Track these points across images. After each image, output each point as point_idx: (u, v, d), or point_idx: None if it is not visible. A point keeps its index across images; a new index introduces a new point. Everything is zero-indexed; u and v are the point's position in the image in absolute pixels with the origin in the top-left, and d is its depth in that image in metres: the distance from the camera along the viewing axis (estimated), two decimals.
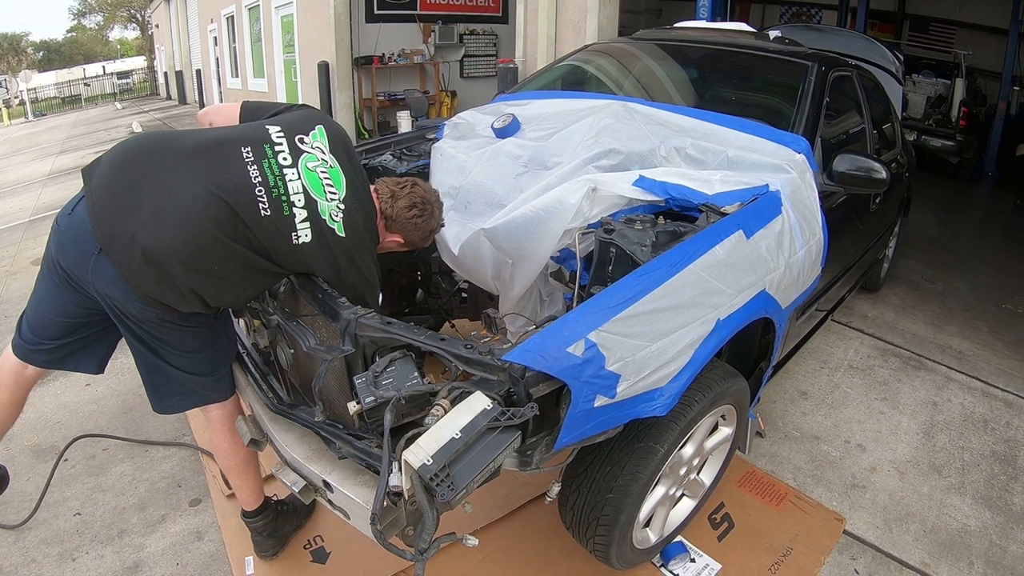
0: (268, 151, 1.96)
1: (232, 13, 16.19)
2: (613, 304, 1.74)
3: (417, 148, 3.31)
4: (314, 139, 2.06)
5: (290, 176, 1.95)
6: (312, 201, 1.95)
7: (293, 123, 2.08)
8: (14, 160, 15.23)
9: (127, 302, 1.89)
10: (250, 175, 1.89)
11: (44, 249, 2.07)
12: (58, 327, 2.16)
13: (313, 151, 2.03)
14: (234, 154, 1.92)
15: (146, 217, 1.79)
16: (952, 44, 12.04)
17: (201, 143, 1.94)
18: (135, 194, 1.82)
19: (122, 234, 1.79)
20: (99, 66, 47.18)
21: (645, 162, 2.54)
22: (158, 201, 1.80)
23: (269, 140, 1.99)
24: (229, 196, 1.84)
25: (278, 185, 1.92)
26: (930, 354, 4.29)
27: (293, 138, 2.02)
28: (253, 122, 2.15)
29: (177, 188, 1.82)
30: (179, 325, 1.99)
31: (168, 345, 2.04)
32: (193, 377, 2.13)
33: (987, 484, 3.10)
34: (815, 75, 3.17)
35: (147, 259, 1.78)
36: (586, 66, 3.98)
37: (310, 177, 1.98)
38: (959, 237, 7.12)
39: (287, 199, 1.92)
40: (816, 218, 2.61)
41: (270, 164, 1.94)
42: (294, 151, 1.99)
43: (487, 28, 12.37)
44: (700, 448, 2.37)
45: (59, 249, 1.98)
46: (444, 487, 1.40)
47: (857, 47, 5.79)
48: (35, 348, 2.22)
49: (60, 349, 2.22)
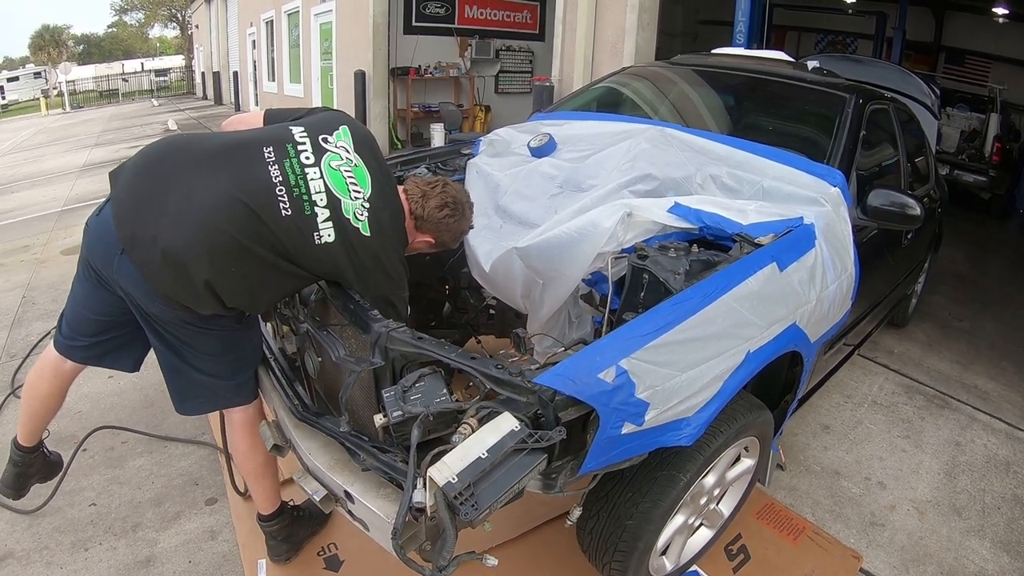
0: (291, 150, 1.96)
1: (272, 18, 16.39)
2: (646, 332, 1.73)
3: (452, 163, 3.32)
4: (338, 139, 2.05)
5: (312, 175, 1.94)
6: (335, 200, 1.94)
7: (317, 123, 2.08)
8: (50, 150, 15.50)
9: (148, 302, 1.91)
10: (271, 175, 1.90)
11: (80, 245, 2.10)
12: (92, 325, 2.20)
13: (337, 150, 2.02)
14: (256, 155, 1.93)
15: (167, 219, 1.81)
16: (987, 78, 11.96)
17: (223, 145, 1.96)
18: (157, 196, 1.84)
19: (143, 235, 1.82)
20: (138, 62, 47.99)
21: (680, 189, 2.54)
22: (179, 203, 1.82)
23: (292, 140, 1.99)
24: (248, 197, 1.85)
25: (299, 184, 1.91)
26: (955, 393, 4.23)
27: (316, 137, 2.02)
28: (277, 124, 2.15)
29: (197, 190, 1.84)
30: (201, 328, 1.99)
31: (190, 347, 2.05)
32: (214, 380, 2.14)
33: (1007, 528, 3.05)
34: (852, 107, 3.15)
35: (166, 260, 1.79)
36: (623, 89, 3.98)
37: (333, 176, 1.97)
38: (988, 274, 7.04)
39: (308, 198, 1.91)
40: (849, 252, 2.59)
41: (291, 163, 1.93)
42: (317, 150, 1.99)
43: (523, 45, 12.43)
44: (722, 478, 2.35)
45: (88, 249, 2.01)
46: (468, 506, 1.40)
47: (894, 79, 5.75)
48: (72, 344, 2.26)
49: (96, 347, 2.25)
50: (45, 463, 2.63)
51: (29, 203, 9.06)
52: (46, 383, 2.35)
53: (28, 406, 2.40)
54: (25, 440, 2.45)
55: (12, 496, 2.52)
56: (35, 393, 2.37)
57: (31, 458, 2.50)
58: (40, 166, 12.90)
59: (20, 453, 2.47)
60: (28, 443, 2.46)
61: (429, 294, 3.36)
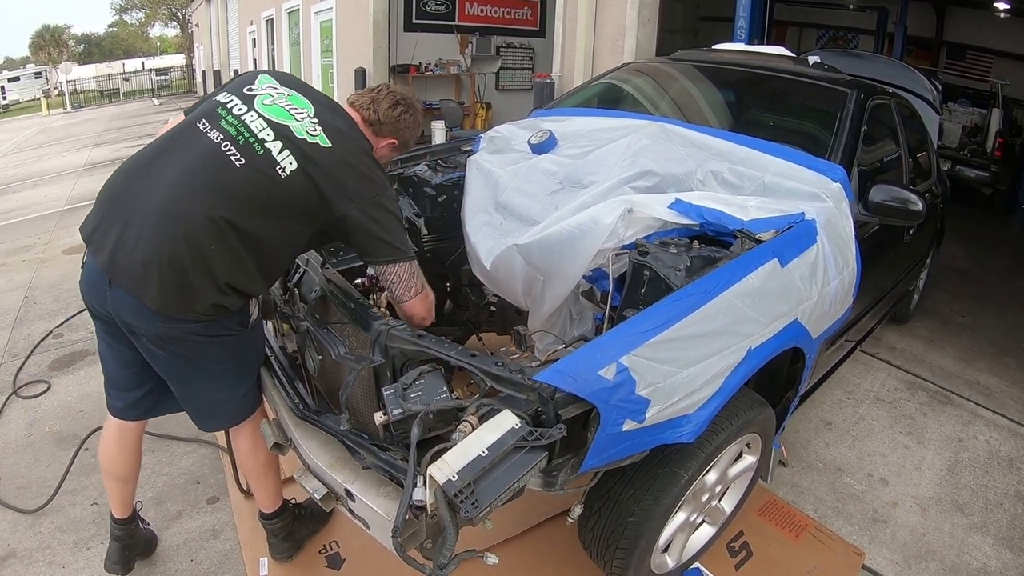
0: (221, 112, 1.95)
1: (272, 16, 16.40)
2: (646, 328, 1.73)
3: (452, 160, 3.32)
4: (261, 83, 2.05)
5: (249, 119, 1.92)
6: (282, 128, 1.92)
7: (236, 83, 2.09)
8: (51, 150, 15.52)
9: (151, 325, 1.86)
10: (212, 139, 1.88)
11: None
12: (129, 378, 2.18)
13: (265, 91, 2.02)
14: (192, 133, 1.92)
15: (133, 228, 1.79)
16: (989, 73, 11.92)
17: (161, 145, 1.95)
18: (120, 215, 1.83)
19: (120, 255, 1.80)
20: (138, 62, 48.04)
21: (681, 185, 2.53)
22: (140, 209, 1.81)
23: (218, 104, 1.99)
24: (202, 169, 1.84)
25: (241, 132, 1.89)
26: (957, 389, 4.23)
27: (241, 90, 2.02)
28: (201, 103, 2.11)
29: (153, 189, 1.82)
30: (206, 336, 1.93)
31: (197, 367, 2.01)
32: (224, 398, 2.13)
33: (1010, 524, 3.04)
34: (854, 103, 3.14)
35: (148, 266, 1.77)
36: (624, 85, 3.97)
37: (271, 110, 1.96)
38: (990, 270, 7.02)
39: (255, 139, 1.88)
40: (850, 248, 2.58)
41: (226, 121, 1.92)
42: (246, 100, 1.99)
43: (524, 42, 12.39)
44: (723, 476, 2.35)
45: (86, 299, 2.01)
46: (468, 504, 1.39)
47: (896, 74, 5.75)
48: (122, 404, 2.24)
49: (145, 399, 2.23)
50: (144, 535, 2.56)
51: (31, 203, 9.08)
52: (116, 446, 2.31)
53: (109, 474, 2.34)
54: (119, 512, 2.38)
55: (120, 572, 2.41)
56: (110, 460, 2.32)
57: (131, 528, 2.42)
58: (41, 166, 12.92)
59: (119, 526, 2.40)
60: (122, 514, 2.39)
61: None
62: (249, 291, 1.97)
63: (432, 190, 3.11)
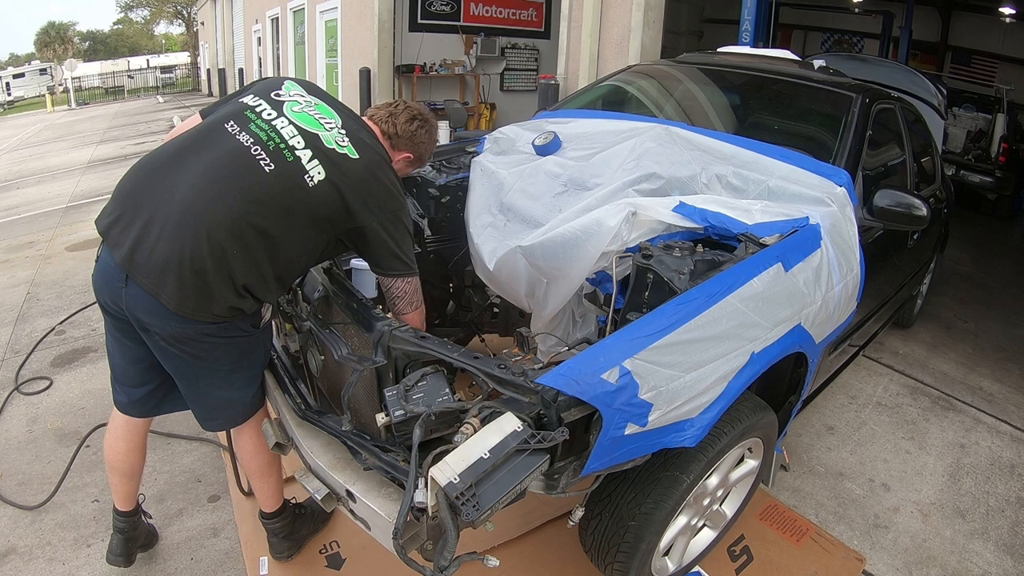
0: (250, 115, 1.95)
1: (277, 15, 16.42)
2: (649, 332, 1.72)
3: (457, 161, 3.32)
4: (288, 90, 2.06)
5: (280, 125, 1.93)
6: (312, 137, 1.94)
7: (263, 87, 2.09)
8: (55, 146, 15.54)
9: (164, 324, 1.86)
10: (241, 142, 1.88)
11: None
12: (136, 375, 2.18)
13: (293, 98, 2.03)
14: (220, 133, 1.92)
15: (155, 226, 1.78)
16: (994, 78, 11.91)
17: (185, 140, 1.95)
18: (141, 212, 1.82)
19: (140, 252, 1.80)
20: (143, 59, 48.02)
21: (686, 188, 2.53)
22: (163, 206, 1.80)
23: (247, 107, 1.99)
24: (229, 171, 1.83)
25: (272, 137, 1.90)
26: (960, 395, 4.21)
27: (268, 95, 2.03)
28: (224, 104, 2.11)
29: (177, 187, 1.81)
30: (219, 337, 1.94)
31: (208, 367, 2.01)
32: (232, 399, 2.13)
33: (1011, 531, 3.03)
34: (859, 107, 3.14)
35: (168, 265, 1.77)
36: (629, 87, 3.97)
37: (300, 118, 1.97)
38: (994, 276, 7.00)
39: (286, 146, 1.90)
40: (854, 253, 2.57)
41: (256, 125, 1.92)
42: (275, 105, 1.99)
43: (529, 43, 12.40)
44: (725, 480, 2.34)
45: (98, 295, 2.00)
46: (469, 507, 1.39)
47: (900, 79, 5.73)
48: (128, 400, 2.25)
49: (151, 396, 2.24)
50: (146, 528, 2.57)
51: (34, 199, 9.08)
52: (122, 442, 2.32)
53: (113, 469, 2.35)
54: (122, 505, 2.39)
55: (123, 564, 2.42)
56: (115, 455, 2.33)
57: (134, 520, 2.43)
58: (45, 162, 12.94)
59: (122, 519, 2.40)
60: (126, 507, 2.40)
61: (433, 292, 3.35)
62: (264, 297, 1.96)
63: (436, 191, 3.10)
